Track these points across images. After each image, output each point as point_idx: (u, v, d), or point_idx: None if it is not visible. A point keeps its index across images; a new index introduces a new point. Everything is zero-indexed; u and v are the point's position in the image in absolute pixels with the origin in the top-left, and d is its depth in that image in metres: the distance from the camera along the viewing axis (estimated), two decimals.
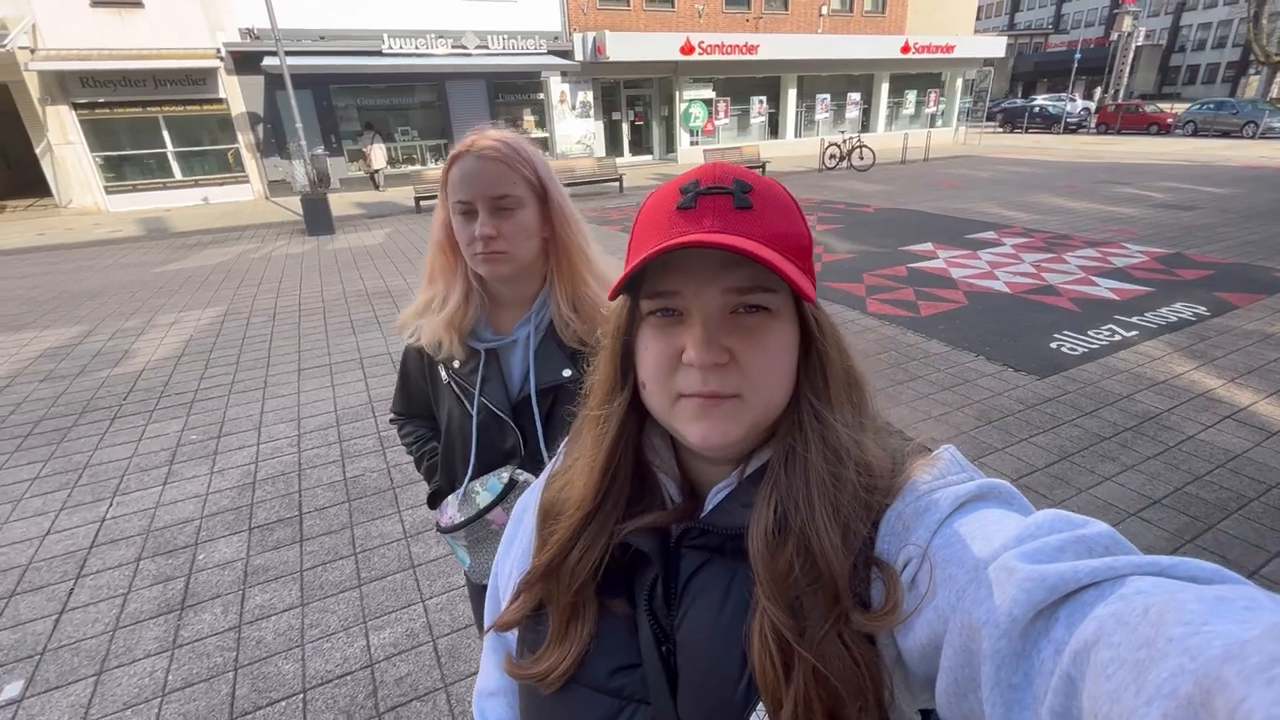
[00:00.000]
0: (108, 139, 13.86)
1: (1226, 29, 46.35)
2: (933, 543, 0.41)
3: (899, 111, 23.18)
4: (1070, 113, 28.42)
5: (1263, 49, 30.62)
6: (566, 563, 0.53)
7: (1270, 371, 3.96)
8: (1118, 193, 11.09)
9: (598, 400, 0.56)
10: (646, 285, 0.49)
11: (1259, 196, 10.19)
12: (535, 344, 1.07)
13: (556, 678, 0.52)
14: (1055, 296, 5.56)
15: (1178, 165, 14.74)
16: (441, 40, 15.24)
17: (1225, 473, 2.96)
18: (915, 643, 0.41)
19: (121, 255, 9.22)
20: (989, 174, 14.45)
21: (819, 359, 0.50)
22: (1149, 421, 3.43)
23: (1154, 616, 0.28)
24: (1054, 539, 0.36)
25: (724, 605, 0.48)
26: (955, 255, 7.12)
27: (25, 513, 2.96)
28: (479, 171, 0.96)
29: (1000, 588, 0.34)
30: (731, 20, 19.09)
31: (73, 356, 4.96)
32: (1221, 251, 6.87)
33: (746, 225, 0.46)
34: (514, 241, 0.99)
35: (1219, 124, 22.62)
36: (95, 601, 2.41)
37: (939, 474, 0.46)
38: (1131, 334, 4.65)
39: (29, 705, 1.99)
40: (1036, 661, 0.32)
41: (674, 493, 0.55)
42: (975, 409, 3.64)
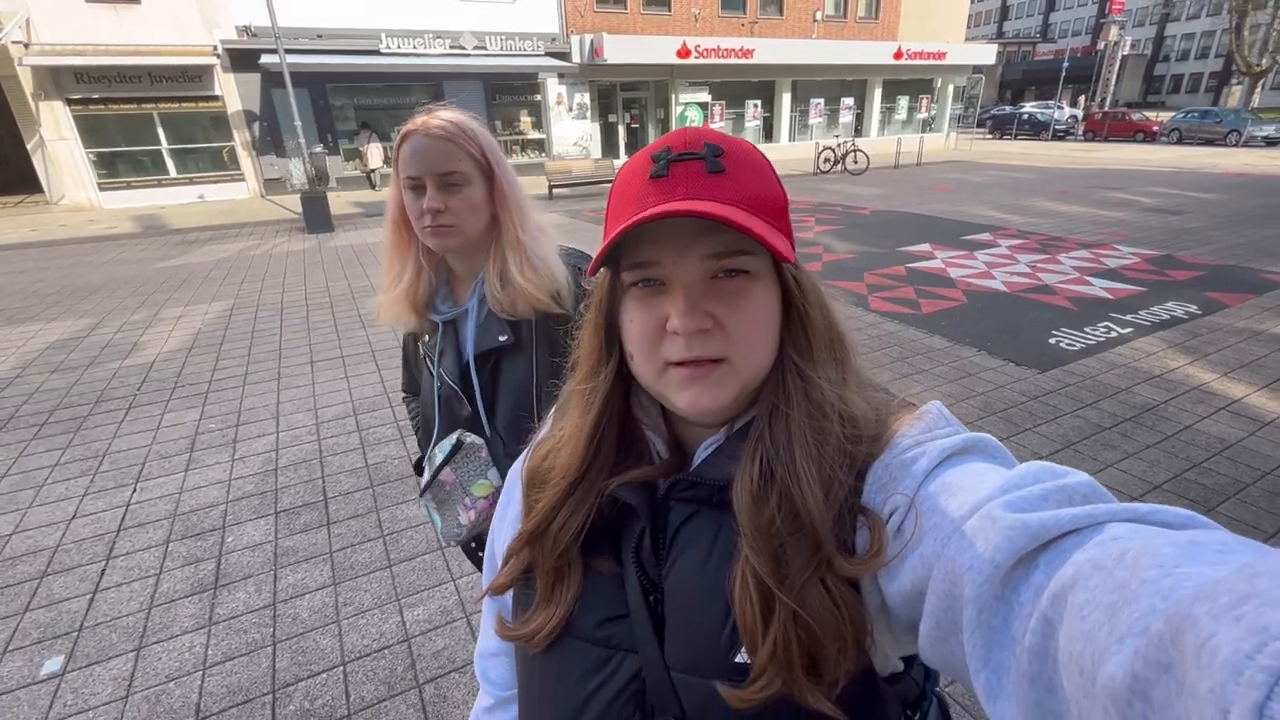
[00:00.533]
0: (101, 135, 13.76)
1: (1209, 39, 47.25)
2: (919, 493, 0.43)
3: (891, 117, 23.46)
4: (1058, 120, 28.85)
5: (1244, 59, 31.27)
6: (550, 529, 0.55)
7: (1261, 366, 4.10)
8: (1108, 197, 11.31)
9: (584, 373, 0.57)
10: (625, 257, 0.49)
11: (1245, 202, 10.43)
12: (480, 314, 1.11)
13: (543, 638, 0.54)
14: (1051, 295, 5.70)
15: (1165, 171, 15.04)
16: (439, 40, 15.28)
17: (1222, 460, 3.08)
18: (900, 589, 0.42)
19: (120, 251, 9.18)
20: (982, 179, 14.67)
21: (800, 318, 0.50)
22: (1147, 413, 3.55)
23: (1129, 560, 0.29)
24: (1036, 488, 0.37)
25: (710, 554, 0.50)
26: (953, 256, 7.26)
27: (49, 498, 2.99)
28: (427, 149, 1.01)
29: (984, 535, 0.35)
30: (727, 24, 19.27)
31: (81, 348, 4.96)
32: (1210, 254, 7.05)
33: (720, 189, 0.46)
34: (460, 216, 1.04)
35: (1203, 132, 23.07)
36: (128, 581, 2.44)
37: (926, 427, 0.47)
38: (1127, 330, 4.78)
39: (71, 679, 2.02)
40: (1016, 605, 0.33)
41: (662, 449, 0.56)
42: (980, 400, 3.74)
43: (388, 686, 1.97)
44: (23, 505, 2.93)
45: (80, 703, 1.94)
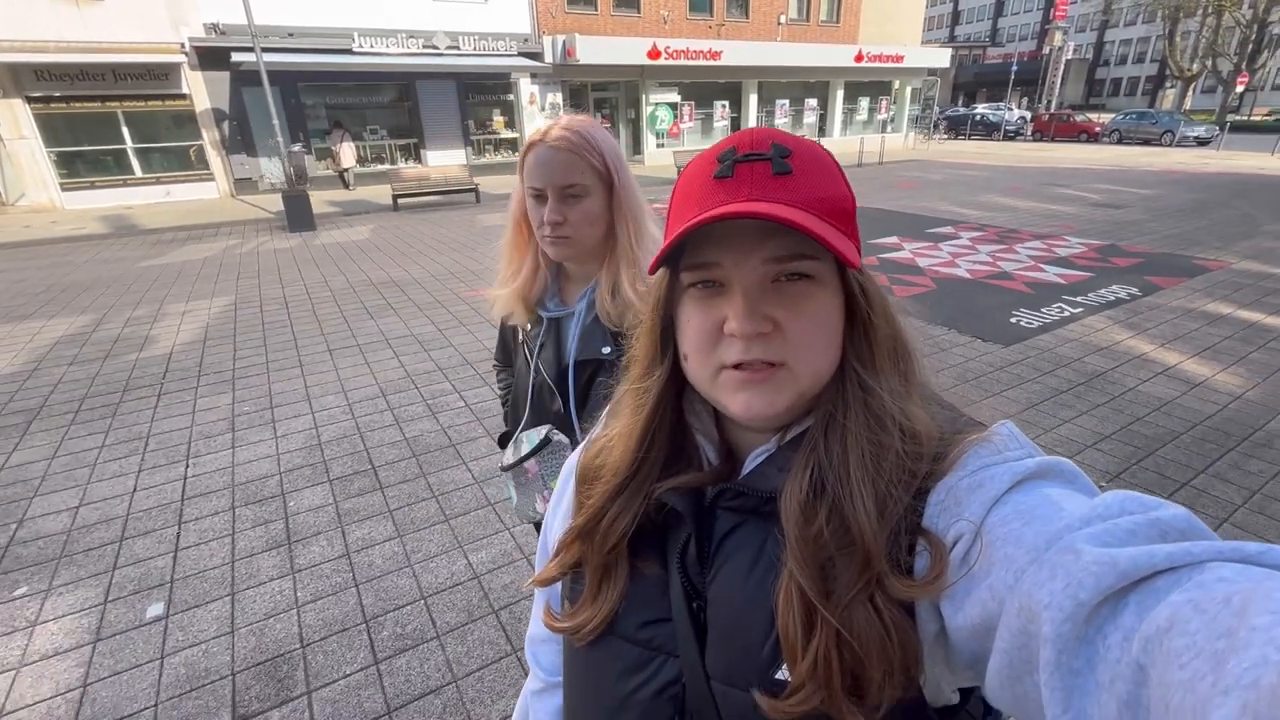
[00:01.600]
0: (64, 134, 13.42)
1: (1145, 45, 49.91)
2: (987, 519, 0.40)
3: (853, 117, 24.27)
4: (1009, 121, 30.22)
5: (1177, 64, 33.26)
6: (600, 525, 0.55)
7: (1192, 338, 4.65)
8: (1057, 193, 12.10)
9: (638, 373, 0.57)
10: (686, 258, 0.49)
11: (1178, 197, 11.31)
12: (586, 320, 1.14)
13: (589, 632, 0.55)
14: (1010, 281, 6.23)
15: (1107, 169, 16.05)
16: (412, 40, 15.31)
17: (1160, 415, 3.56)
18: (966, 621, 0.40)
19: (96, 251, 9.08)
20: (940, 176, 15.43)
21: (864, 326, 0.49)
22: (1097, 378, 4.03)
23: (1237, 605, 0.26)
24: (1125, 521, 0.34)
25: (755, 565, 0.49)
26: (919, 247, 7.78)
27: (104, 475, 3.16)
28: (550, 160, 1.03)
29: (1065, 570, 0.33)
30: (695, 26, 19.71)
31: (92, 343, 5.04)
32: (1149, 243, 7.73)
33: (786, 191, 0.46)
34: (578, 227, 1.07)
35: (1140, 132, 24.52)
36: (204, 542, 2.66)
37: (995, 449, 0.44)
38: (1078, 310, 5.32)
39: (176, 620, 2.25)
40: (1101, 647, 0.31)
41: (712, 455, 0.56)
42: (954, 371, 4.18)
43: (467, 614, 2.25)
44: (81, 482, 3.10)
45: (190, 638, 2.17)
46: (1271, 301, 5.43)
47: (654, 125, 19.80)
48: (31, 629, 2.22)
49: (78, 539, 2.68)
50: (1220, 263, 6.74)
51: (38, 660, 2.09)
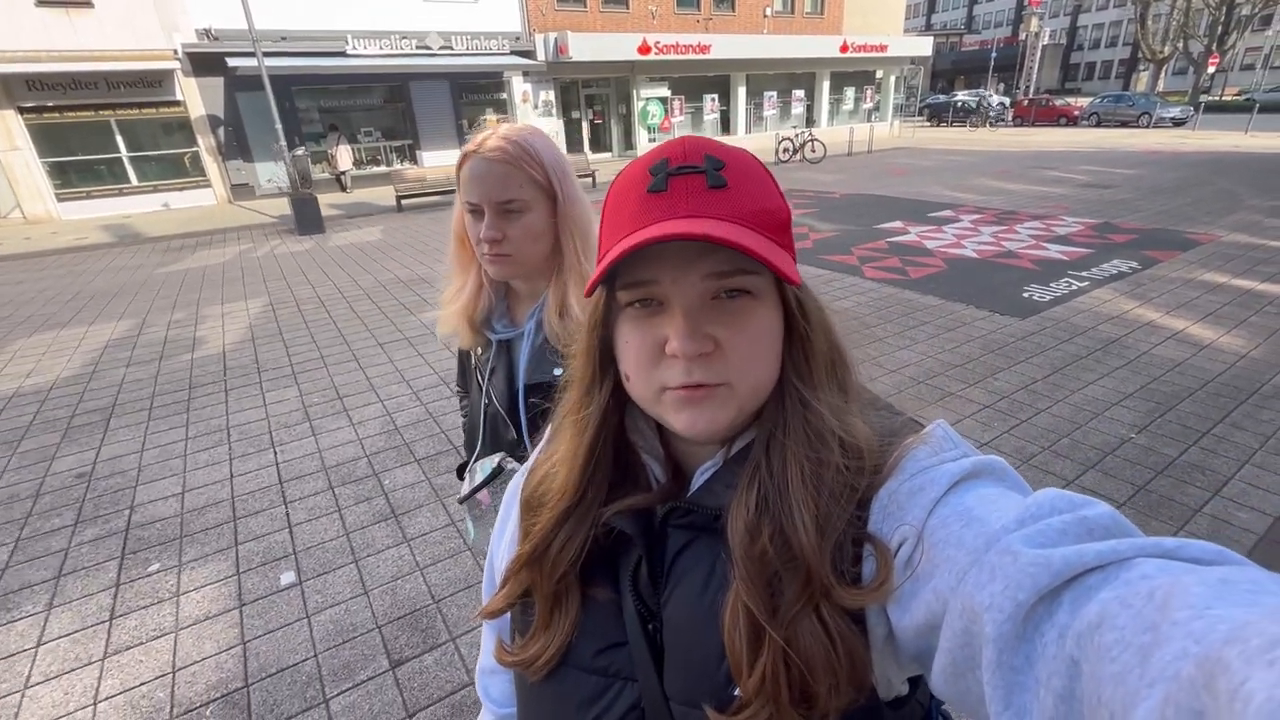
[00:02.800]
0: (58, 144, 13.34)
1: (1118, 29, 50.81)
2: (928, 522, 0.41)
3: (839, 107, 24.60)
4: (990, 107, 30.73)
5: (1149, 47, 33.96)
6: (548, 553, 0.54)
7: (1195, 305, 4.96)
8: (1045, 175, 12.47)
9: (577, 395, 0.55)
10: (622, 276, 0.48)
11: (1163, 175, 11.72)
12: (536, 341, 1.08)
13: (542, 664, 0.53)
14: (1016, 259, 6.53)
15: (1090, 151, 16.49)
16: (406, 41, 15.35)
17: (1174, 374, 3.85)
18: (911, 622, 0.41)
19: (109, 260, 9.11)
20: (930, 162, 15.78)
21: (802, 339, 0.49)
22: (1112, 344, 4.32)
23: (1159, 600, 0.28)
24: (1056, 521, 0.36)
25: (708, 583, 0.49)
26: (924, 230, 8.07)
27: (198, 464, 3.33)
28: (486, 173, 0.96)
29: (1003, 572, 0.34)
30: (683, 21, 19.89)
31: (141, 345, 5.16)
32: (1141, 220, 8.08)
33: (721, 205, 0.45)
34: (519, 245, 1.00)
35: (1118, 115, 25.10)
36: (314, 518, 2.85)
37: (931, 451, 0.45)
38: (1084, 284, 5.61)
39: (309, 585, 2.44)
40: (1039, 645, 0.33)
41: (658, 473, 0.55)
42: (979, 343, 4.45)
43: None
44: (178, 471, 3.27)
45: (327, 600, 2.37)
46: (1262, 270, 5.77)
47: (645, 120, 19.97)
48: (176, 599, 2.40)
49: (192, 520, 2.86)
50: (1210, 235, 7.09)
51: (192, 624, 2.28)
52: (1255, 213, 8.20)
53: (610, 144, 20.60)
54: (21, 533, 2.82)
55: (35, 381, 4.53)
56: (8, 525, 2.88)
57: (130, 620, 2.30)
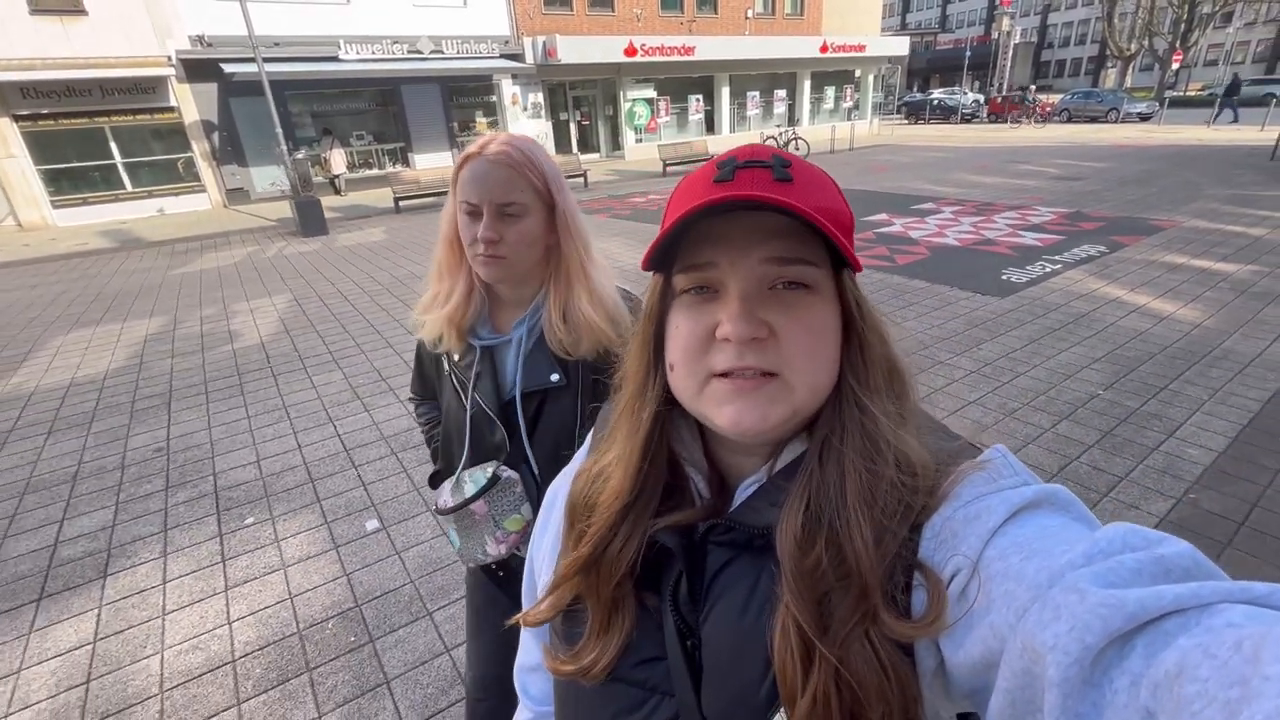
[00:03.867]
0: (52, 151, 13.41)
1: (1086, 27, 52.22)
2: (985, 553, 0.39)
3: (820, 106, 25.19)
4: (965, 104, 31.56)
5: (1116, 44, 35.06)
6: (606, 555, 0.53)
7: (1156, 283, 5.45)
8: (1020, 169, 13.06)
9: (632, 391, 0.54)
10: (680, 259, 0.47)
11: (1129, 168, 12.35)
12: (527, 347, 1.08)
13: (600, 671, 0.52)
14: (995, 246, 7.01)
15: (1061, 146, 17.18)
16: (397, 45, 15.60)
17: (1137, 341, 4.31)
18: (966, 658, 0.39)
19: (117, 264, 9.29)
20: (910, 159, 16.35)
21: (860, 342, 0.48)
22: (1083, 318, 4.78)
23: (1249, 651, 0.26)
24: (1129, 559, 0.34)
25: (749, 603, 0.48)
26: (908, 221, 8.55)
27: (265, 438, 3.64)
28: (487, 175, 0.98)
29: (1070, 611, 0.32)
30: (667, 23, 20.31)
31: (180, 339, 5.44)
32: (1109, 209, 8.63)
33: (787, 194, 0.44)
34: (515, 248, 1.01)
35: (1088, 110, 25.96)
36: (384, 478, 3.19)
37: (989, 477, 0.44)
38: (1057, 267, 6.10)
39: (393, 530, 2.79)
40: (1108, 692, 0.31)
41: (701, 487, 0.54)
42: (964, 319, 4.89)
43: None
44: (248, 444, 3.58)
45: (411, 540, 2.72)
46: (1217, 251, 6.29)
47: (632, 121, 20.36)
48: (278, 544, 2.73)
49: (273, 483, 3.19)
50: (1172, 222, 7.63)
51: (297, 562, 2.61)
52: (1214, 200, 8.78)
53: (598, 145, 20.96)
54: (119, 497, 3.13)
55: (87, 373, 4.80)
56: (104, 491, 3.18)
57: (241, 561, 2.63)
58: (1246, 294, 5.06)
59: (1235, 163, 12.11)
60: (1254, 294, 5.05)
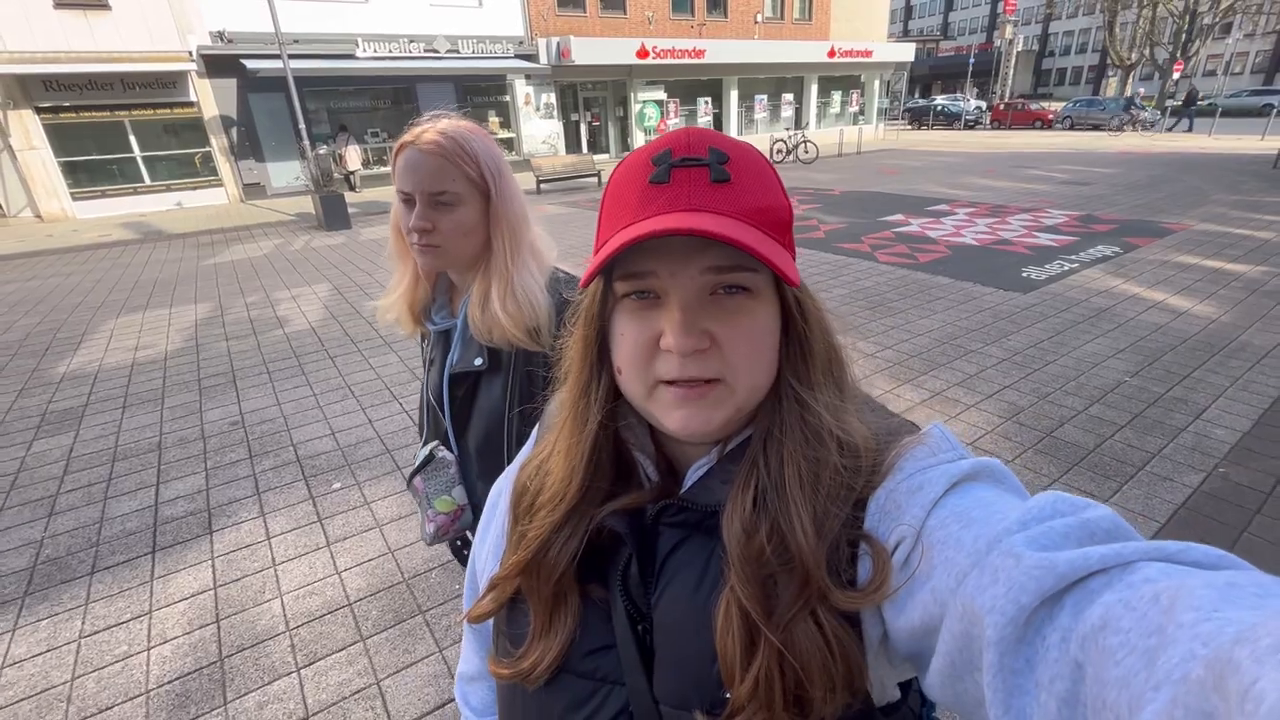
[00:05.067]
0: (73, 144, 13.56)
1: (1087, 36, 52.67)
2: (927, 522, 0.41)
3: (826, 110, 25.48)
4: (968, 111, 31.90)
5: (1117, 53, 35.42)
6: (547, 557, 0.52)
7: (1173, 282, 5.67)
8: (1028, 174, 13.31)
9: (574, 390, 0.54)
10: (619, 266, 0.47)
11: (1135, 173, 12.60)
12: (465, 330, 1.10)
13: (542, 671, 0.52)
14: (1012, 246, 7.22)
15: (1067, 153, 17.45)
16: (414, 44, 15.80)
17: (1157, 334, 4.52)
18: (908, 623, 0.41)
19: (146, 254, 9.45)
20: (919, 163, 16.59)
21: (800, 339, 0.49)
22: (1103, 312, 4.99)
23: (1165, 603, 0.28)
24: (1058, 524, 0.36)
25: (701, 582, 0.48)
26: (925, 222, 8.76)
27: (335, 413, 3.82)
28: (420, 164, 0.98)
29: (1006, 574, 0.34)
30: (678, 26, 20.56)
31: (230, 324, 5.61)
32: (1120, 212, 8.86)
33: (724, 200, 0.45)
34: (449, 237, 1.02)
35: (1090, 119, 26.27)
36: None
37: (929, 452, 0.45)
38: (1074, 265, 6.31)
39: None
40: (1040, 648, 0.33)
41: (650, 471, 0.54)
42: (989, 312, 5.10)
43: None
44: (320, 419, 3.76)
45: None
46: (1228, 253, 6.51)
47: (642, 122, 20.59)
48: (368, 505, 2.91)
49: (351, 453, 3.36)
50: (1182, 225, 7.86)
51: (390, 522, 2.79)
52: (1221, 206, 9.02)
53: (607, 145, 21.16)
54: (207, 465, 3.30)
55: (147, 354, 4.97)
56: (191, 460, 3.36)
57: (337, 520, 2.81)
58: (1259, 292, 5.28)
59: (1238, 170, 12.37)
60: (1266, 292, 5.27)
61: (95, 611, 2.33)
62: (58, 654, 2.15)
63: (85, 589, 2.45)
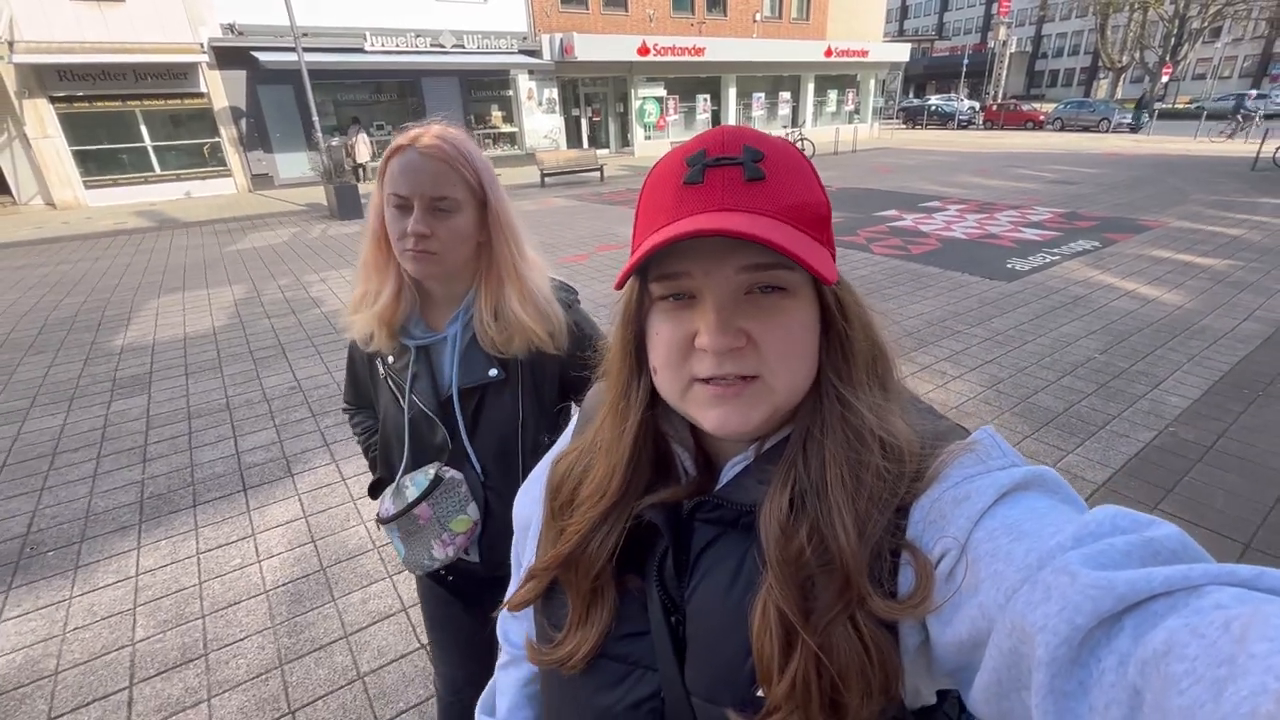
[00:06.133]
0: (86, 133, 13.80)
1: (1079, 38, 53.39)
2: (974, 534, 0.40)
3: (823, 109, 25.91)
4: (961, 111, 32.43)
5: (1108, 56, 36.06)
6: (586, 552, 0.54)
7: (1144, 273, 6.13)
8: (1018, 173, 13.79)
9: (615, 390, 0.55)
10: (654, 268, 0.47)
11: (1120, 174, 13.11)
12: (463, 344, 1.07)
13: (579, 660, 0.53)
14: (999, 239, 7.67)
15: (1056, 153, 17.96)
16: (420, 39, 16.10)
17: (1128, 318, 4.97)
18: (954, 637, 0.40)
19: (167, 241, 9.75)
20: (913, 162, 17.06)
21: (840, 337, 0.48)
22: (1081, 299, 5.44)
23: (1236, 631, 0.26)
24: (1119, 541, 0.34)
25: (735, 580, 0.49)
26: (917, 217, 9.21)
27: None
28: (420, 168, 0.95)
29: (1061, 592, 0.33)
30: (678, 24, 20.91)
31: (267, 304, 5.97)
32: (1101, 209, 9.34)
33: (759, 199, 0.44)
34: (447, 244, 0.99)
35: (1080, 120, 26.87)
36: None
37: (978, 458, 0.44)
38: (1056, 258, 6.76)
39: None
40: (1095, 671, 0.31)
41: (689, 465, 0.55)
42: (976, 298, 5.53)
43: None
44: None
45: None
46: (1199, 248, 6.98)
47: (642, 119, 20.96)
48: None
49: None
50: (1160, 222, 8.34)
51: None
52: (1198, 205, 9.51)
53: (607, 141, 21.50)
54: (275, 421, 3.68)
55: (195, 329, 5.33)
56: (260, 417, 3.74)
57: None
58: (1223, 283, 5.74)
59: (1218, 172, 12.89)
60: (1230, 283, 5.73)
61: (205, 535, 2.72)
62: (182, 565, 2.54)
63: (192, 517, 2.83)
